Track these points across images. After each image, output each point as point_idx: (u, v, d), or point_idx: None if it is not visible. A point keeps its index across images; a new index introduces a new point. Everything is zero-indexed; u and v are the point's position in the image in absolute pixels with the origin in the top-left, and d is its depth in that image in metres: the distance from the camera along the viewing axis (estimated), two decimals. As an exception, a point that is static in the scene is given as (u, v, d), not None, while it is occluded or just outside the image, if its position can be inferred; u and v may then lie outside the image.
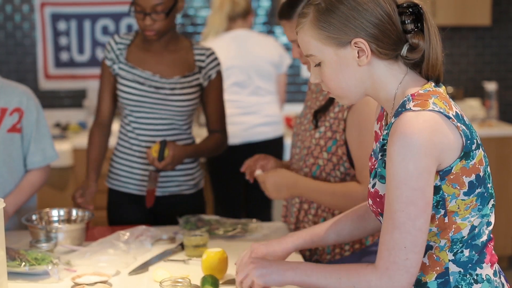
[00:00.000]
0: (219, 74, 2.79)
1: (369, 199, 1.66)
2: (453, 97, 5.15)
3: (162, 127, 2.73)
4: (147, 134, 2.74)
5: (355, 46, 1.56)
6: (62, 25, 5.06)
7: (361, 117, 2.18)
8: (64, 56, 5.09)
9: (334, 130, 2.26)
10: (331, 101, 2.29)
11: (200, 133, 3.97)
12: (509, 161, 4.78)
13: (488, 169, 1.58)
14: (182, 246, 2.29)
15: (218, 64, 2.80)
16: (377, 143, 1.68)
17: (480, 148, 1.55)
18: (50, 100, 5.13)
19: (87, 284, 1.94)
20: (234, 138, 4.04)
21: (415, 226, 1.48)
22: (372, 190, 1.63)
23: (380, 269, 1.52)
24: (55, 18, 5.05)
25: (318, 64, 1.61)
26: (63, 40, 5.07)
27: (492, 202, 1.60)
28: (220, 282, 1.96)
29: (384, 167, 1.57)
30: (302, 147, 2.38)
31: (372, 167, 1.68)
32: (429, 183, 1.49)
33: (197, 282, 1.92)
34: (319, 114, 2.31)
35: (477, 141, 1.55)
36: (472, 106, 5.08)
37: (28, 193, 2.53)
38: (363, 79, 1.60)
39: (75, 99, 5.15)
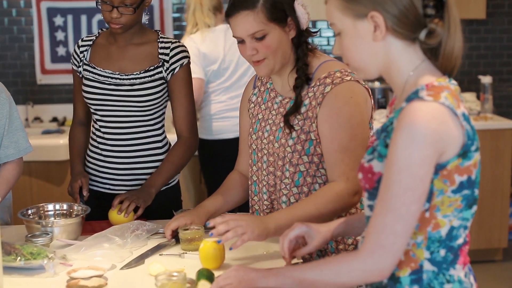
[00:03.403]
0: (184, 68, 2.68)
1: (360, 172, 1.65)
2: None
3: (127, 125, 2.71)
4: (113, 132, 2.73)
5: (372, 20, 1.58)
6: (58, 20, 5.06)
7: (332, 112, 2.12)
8: (61, 50, 5.09)
9: (307, 130, 2.17)
10: (298, 102, 2.17)
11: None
12: (504, 153, 4.80)
13: (479, 175, 1.60)
14: (177, 240, 2.31)
15: (184, 57, 2.68)
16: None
17: (478, 152, 1.57)
18: (47, 94, 5.13)
19: (82, 278, 1.94)
20: (227, 133, 4.04)
21: (409, 211, 1.50)
22: (366, 165, 1.63)
23: (365, 252, 1.54)
24: (52, 12, 5.04)
25: (339, 34, 1.65)
26: (59, 35, 5.07)
27: (475, 208, 1.61)
28: (217, 272, 1.96)
29: (385, 147, 1.58)
30: (273, 161, 2.27)
31: (370, 144, 1.69)
32: (429, 173, 1.50)
33: (193, 275, 1.92)
34: (291, 116, 2.18)
35: (477, 144, 1.56)
36: (468, 100, 5.09)
37: (3, 190, 2.54)
38: (377, 55, 1.61)
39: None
